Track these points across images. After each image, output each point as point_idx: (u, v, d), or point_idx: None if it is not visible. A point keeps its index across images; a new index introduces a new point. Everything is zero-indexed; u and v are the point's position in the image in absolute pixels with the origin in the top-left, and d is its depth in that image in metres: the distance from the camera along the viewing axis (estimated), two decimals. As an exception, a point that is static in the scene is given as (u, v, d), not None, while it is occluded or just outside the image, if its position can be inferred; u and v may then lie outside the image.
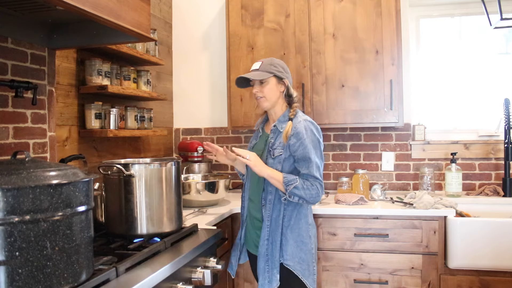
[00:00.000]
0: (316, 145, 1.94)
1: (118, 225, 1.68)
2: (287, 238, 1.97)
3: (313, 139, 1.94)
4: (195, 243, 1.66)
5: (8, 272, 0.98)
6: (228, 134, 3.20)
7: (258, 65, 2.02)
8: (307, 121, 1.98)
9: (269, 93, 2.00)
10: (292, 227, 1.98)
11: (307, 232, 2.00)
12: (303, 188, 1.89)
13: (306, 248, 1.99)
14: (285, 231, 1.97)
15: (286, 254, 1.96)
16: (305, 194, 1.89)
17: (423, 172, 2.78)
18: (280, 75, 2.00)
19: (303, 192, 1.89)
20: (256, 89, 2.02)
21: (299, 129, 1.93)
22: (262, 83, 2.00)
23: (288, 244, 1.96)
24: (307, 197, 1.90)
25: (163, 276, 1.35)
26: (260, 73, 1.99)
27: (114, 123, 2.23)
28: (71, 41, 1.82)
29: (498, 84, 2.94)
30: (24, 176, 1.01)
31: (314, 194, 1.91)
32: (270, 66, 2.00)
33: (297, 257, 1.97)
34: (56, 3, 1.27)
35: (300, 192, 1.89)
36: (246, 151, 1.96)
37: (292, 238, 1.97)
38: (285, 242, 1.97)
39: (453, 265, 2.25)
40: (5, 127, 1.62)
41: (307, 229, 2.01)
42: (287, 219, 1.98)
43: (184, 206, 2.03)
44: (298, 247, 1.97)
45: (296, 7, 2.72)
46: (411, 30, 3.00)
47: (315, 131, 1.96)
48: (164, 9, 3.14)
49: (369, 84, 2.64)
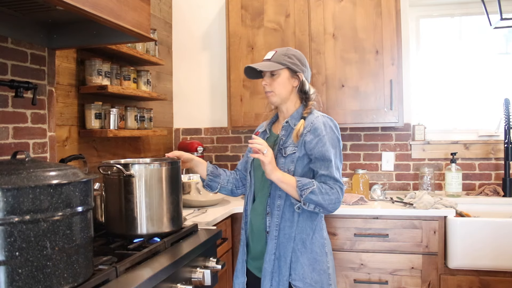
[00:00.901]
0: (335, 144, 1.71)
1: (118, 225, 1.68)
2: (297, 255, 1.68)
3: (333, 137, 1.70)
4: (195, 243, 1.66)
5: (8, 272, 0.98)
6: (228, 134, 3.20)
7: (271, 55, 1.78)
8: (326, 117, 1.76)
9: (278, 87, 1.76)
10: (304, 242, 1.69)
11: (322, 248, 1.72)
12: (321, 192, 1.61)
13: (321, 267, 1.69)
14: (296, 247, 1.69)
15: (295, 274, 1.67)
16: (323, 200, 1.61)
17: (423, 172, 2.78)
18: (294, 67, 1.76)
19: (321, 197, 1.61)
20: (266, 81, 1.78)
21: (316, 124, 1.70)
22: (273, 75, 1.76)
23: (298, 262, 1.68)
24: (326, 203, 1.62)
25: (163, 276, 1.35)
26: (270, 64, 1.75)
27: (114, 123, 2.23)
28: (71, 41, 1.82)
29: (498, 84, 2.94)
30: (24, 176, 1.01)
31: (334, 200, 1.63)
32: (283, 57, 1.76)
33: (309, 277, 1.67)
34: (56, 3, 1.27)
35: (317, 198, 1.61)
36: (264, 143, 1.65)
37: (305, 255, 1.68)
38: (295, 259, 1.68)
39: (453, 265, 2.25)
40: (5, 127, 1.62)
41: (322, 244, 1.73)
42: (299, 231, 1.70)
43: (184, 206, 2.03)
44: (310, 266, 1.68)
45: (296, 7, 2.72)
46: (411, 30, 3.00)
47: (334, 128, 1.73)
48: (164, 9, 3.14)
49: (369, 84, 2.64)
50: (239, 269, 1.83)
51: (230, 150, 3.21)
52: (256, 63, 1.78)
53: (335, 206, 1.64)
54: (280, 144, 1.75)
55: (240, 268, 1.83)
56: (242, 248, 1.83)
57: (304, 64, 1.80)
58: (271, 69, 1.74)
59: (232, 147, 3.20)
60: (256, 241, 1.78)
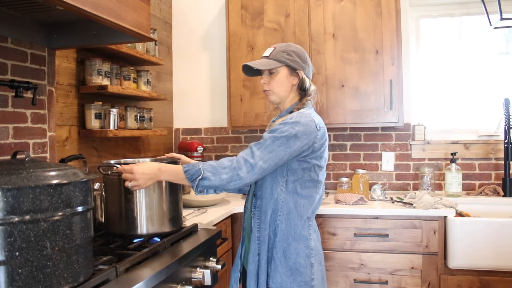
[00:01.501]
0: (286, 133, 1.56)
1: (118, 225, 1.68)
2: (276, 263, 1.61)
3: (290, 126, 1.57)
4: (195, 243, 1.66)
5: (8, 272, 0.98)
6: (228, 134, 3.20)
7: (269, 52, 1.71)
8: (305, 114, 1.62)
9: (276, 86, 1.69)
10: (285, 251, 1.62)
11: (307, 259, 1.61)
12: (214, 173, 1.51)
13: (302, 279, 1.60)
14: (276, 255, 1.62)
15: (273, 282, 1.61)
16: (219, 181, 1.51)
17: (423, 172, 2.78)
18: (293, 65, 1.68)
19: (215, 179, 1.51)
20: (264, 79, 1.72)
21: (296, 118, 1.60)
22: (271, 73, 1.70)
23: (277, 270, 1.60)
24: (221, 183, 1.52)
25: (163, 276, 1.35)
26: (267, 62, 1.68)
27: (114, 123, 2.23)
28: (71, 41, 1.82)
29: (498, 84, 2.94)
30: (24, 176, 1.01)
31: (230, 176, 1.51)
32: (282, 54, 1.68)
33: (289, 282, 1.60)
34: (56, 3, 1.27)
35: (210, 182, 1.51)
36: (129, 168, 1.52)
37: (284, 265, 1.60)
38: (274, 267, 1.61)
39: (453, 265, 2.25)
40: (5, 127, 1.62)
41: (307, 255, 1.62)
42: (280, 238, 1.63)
43: (184, 206, 2.03)
44: (291, 276, 1.59)
45: (296, 7, 2.72)
46: (411, 30, 3.00)
47: (302, 122, 1.58)
48: (164, 9, 3.14)
49: (369, 84, 2.64)
50: (236, 264, 1.85)
51: (230, 150, 3.21)
52: (254, 61, 1.72)
53: (233, 183, 1.53)
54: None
55: (236, 263, 1.85)
56: (240, 245, 1.85)
57: (304, 60, 1.72)
58: (268, 67, 1.67)
59: (232, 147, 3.20)
60: (247, 240, 1.78)
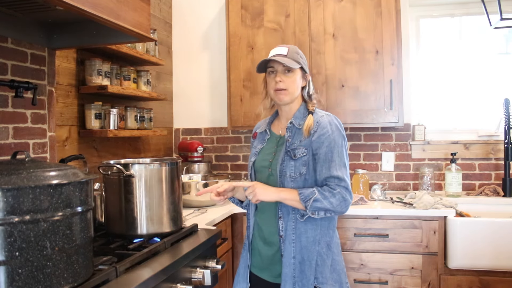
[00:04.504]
0: (340, 143, 1.65)
1: (118, 225, 1.68)
2: (323, 258, 1.65)
3: (338, 135, 1.65)
4: (195, 243, 1.66)
5: (8, 272, 0.98)
6: (228, 134, 3.20)
7: (286, 51, 1.69)
8: (330, 116, 1.70)
9: (292, 86, 1.68)
10: (329, 244, 1.67)
11: (338, 247, 1.72)
12: (324, 197, 1.57)
13: (339, 267, 1.70)
14: (321, 250, 1.65)
15: (322, 277, 1.63)
16: (329, 204, 1.57)
17: (423, 172, 2.78)
18: (305, 68, 1.73)
19: (326, 202, 1.57)
20: (280, 77, 1.67)
21: (322, 124, 1.65)
22: (288, 71, 1.68)
23: (325, 265, 1.64)
24: (332, 206, 1.58)
25: (163, 276, 1.35)
26: (289, 60, 1.66)
27: (114, 123, 2.23)
28: (71, 41, 1.82)
29: (498, 84, 2.94)
30: (24, 176, 1.01)
31: (339, 200, 1.58)
32: (297, 55, 1.69)
33: (332, 279, 1.65)
34: (56, 3, 1.27)
35: (322, 204, 1.57)
36: (244, 183, 1.64)
37: (330, 257, 1.66)
38: (321, 262, 1.64)
39: (453, 265, 2.25)
40: (5, 127, 1.62)
41: (338, 244, 1.73)
42: (323, 234, 1.67)
43: (184, 206, 2.03)
44: (332, 267, 1.66)
45: (296, 7, 2.72)
46: (411, 30, 3.00)
47: (339, 126, 1.68)
48: (164, 9, 3.14)
49: (369, 84, 2.64)
50: (242, 274, 1.76)
51: (230, 150, 3.21)
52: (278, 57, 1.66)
53: (342, 206, 1.59)
54: (287, 146, 1.66)
55: (242, 273, 1.76)
56: (246, 253, 1.77)
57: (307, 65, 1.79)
58: (292, 66, 1.65)
59: (232, 147, 3.20)
60: (267, 245, 1.70)
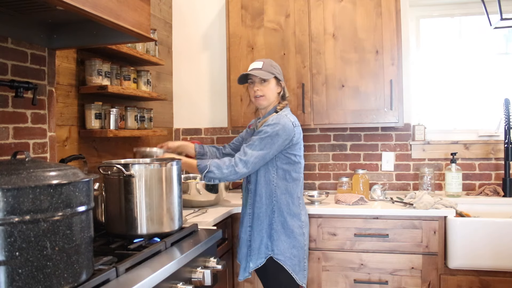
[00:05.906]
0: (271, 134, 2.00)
1: (118, 225, 1.68)
2: (278, 233, 2.05)
3: (276, 130, 2.00)
4: (195, 243, 1.66)
5: (8, 272, 0.98)
6: (228, 134, 3.20)
7: (261, 65, 2.11)
8: (289, 118, 2.06)
9: (269, 93, 2.11)
10: (284, 224, 2.06)
11: (300, 229, 2.09)
12: (218, 168, 2.01)
13: (299, 245, 2.06)
14: (276, 226, 2.06)
15: (277, 249, 2.04)
16: (220, 174, 2.01)
17: (423, 172, 2.78)
18: (279, 77, 2.14)
19: (218, 172, 2.01)
20: (258, 87, 2.11)
21: (274, 120, 2.03)
22: (263, 81, 2.10)
23: (280, 239, 2.05)
24: (223, 176, 2.01)
25: (163, 276, 1.35)
26: (263, 73, 2.09)
27: (114, 123, 2.23)
28: (71, 41, 1.82)
29: (498, 84, 2.94)
30: (24, 176, 1.01)
31: (229, 171, 2.00)
32: (271, 67, 2.11)
33: (289, 252, 2.04)
34: (56, 3, 1.27)
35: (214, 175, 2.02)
36: None
37: (284, 235, 2.05)
38: (276, 237, 2.05)
39: (453, 265, 2.25)
40: (5, 127, 1.62)
41: (300, 226, 2.09)
42: (277, 214, 2.07)
43: (184, 206, 2.03)
44: (290, 243, 2.05)
45: (296, 7, 2.72)
46: (411, 30, 3.00)
47: (286, 127, 2.01)
48: (164, 9, 3.14)
49: (369, 84, 2.64)
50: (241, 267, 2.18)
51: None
52: (253, 71, 2.10)
53: (232, 176, 2.01)
54: (252, 135, 2.11)
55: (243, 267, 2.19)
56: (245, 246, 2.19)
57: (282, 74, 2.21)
58: (266, 77, 2.07)
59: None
60: None
